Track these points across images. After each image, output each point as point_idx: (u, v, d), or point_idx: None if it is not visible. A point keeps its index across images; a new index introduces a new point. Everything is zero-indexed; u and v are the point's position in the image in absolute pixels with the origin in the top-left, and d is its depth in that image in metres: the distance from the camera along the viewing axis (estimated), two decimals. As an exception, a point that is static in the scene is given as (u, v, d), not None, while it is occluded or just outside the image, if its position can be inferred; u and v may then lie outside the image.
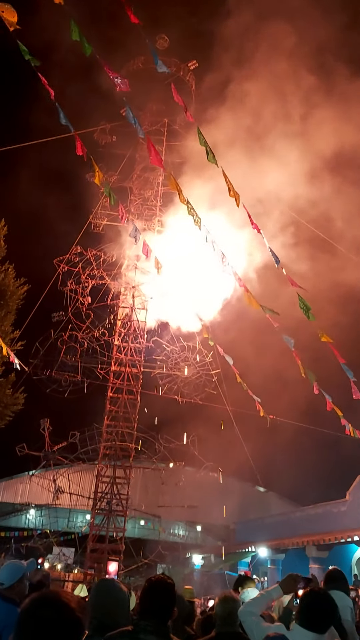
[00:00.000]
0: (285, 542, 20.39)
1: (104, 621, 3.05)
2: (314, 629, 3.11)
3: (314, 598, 3.26)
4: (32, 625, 1.60)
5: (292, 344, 8.05)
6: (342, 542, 17.14)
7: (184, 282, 14.52)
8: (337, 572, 5.19)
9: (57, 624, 1.60)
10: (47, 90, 6.58)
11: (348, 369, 8.52)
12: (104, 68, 6.22)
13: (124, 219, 8.63)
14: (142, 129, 6.44)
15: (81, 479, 25.77)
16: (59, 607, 1.63)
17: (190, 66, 24.92)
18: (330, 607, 3.25)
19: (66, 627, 1.61)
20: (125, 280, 22.93)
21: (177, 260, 16.59)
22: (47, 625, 1.59)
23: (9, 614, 3.81)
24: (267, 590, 3.78)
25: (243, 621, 3.49)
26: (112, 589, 3.34)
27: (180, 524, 30.54)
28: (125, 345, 22.68)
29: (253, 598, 3.73)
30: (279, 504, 30.97)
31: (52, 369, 22.28)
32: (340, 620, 4.16)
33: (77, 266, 22.87)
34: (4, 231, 20.04)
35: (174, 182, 6.60)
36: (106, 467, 21.69)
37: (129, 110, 6.56)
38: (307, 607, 3.23)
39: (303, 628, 3.12)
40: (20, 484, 30.09)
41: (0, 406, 19.40)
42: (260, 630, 3.36)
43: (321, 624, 3.16)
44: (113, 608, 3.21)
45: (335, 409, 9.31)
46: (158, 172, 25.11)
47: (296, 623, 3.23)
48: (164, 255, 9.55)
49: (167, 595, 2.96)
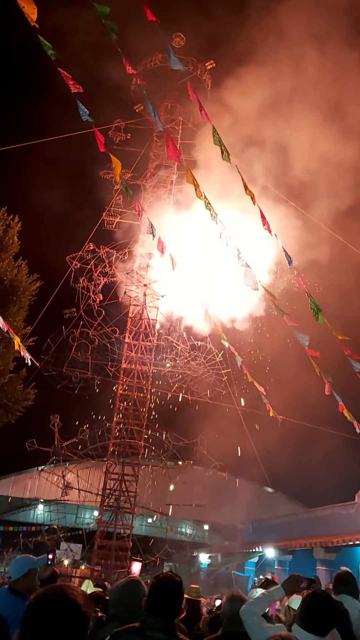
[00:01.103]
0: (293, 543, 20.31)
1: (121, 616, 3.12)
2: (315, 632, 3.09)
3: (315, 600, 3.24)
4: (38, 621, 1.60)
5: (307, 342, 7.96)
6: (351, 545, 17.03)
7: (197, 280, 14.49)
8: (347, 575, 5.10)
9: (63, 619, 1.60)
10: (62, 87, 6.58)
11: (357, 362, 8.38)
12: (122, 60, 6.18)
13: (140, 214, 8.59)
14: (161, 121, 6.36)
15: (90, 476, 25.84)
16: (65, 602, 1.63)
17: (208, 66, 24.87)
18: (331, 609, 3.23)
19: (72, 622, 1.61)
20: (137, 278, 22.95)
21: (190, 258, 16.58)
22: (52, 621, 1.59)
23: (17, 607, 3.82)
24: (269, 591, 3.77)
25: (244, 621, 3.48)
26: (138, 589, 3.49)
27: (188, 522, 30.56)
28: (135, 343, 22.71)
29: (255, 598, 3.72)
30: (287, 505, 30.87)
31: (63, 366, 22.37)
32: (351, 626, 4.14)
33: (89, 263, 22.94)
34: (18, 227, 20.17)
35: (191, 176, 6.55)
36: (115, 464, 21.74)
37: (149, 102, 6.49)
38: (308, 609, 3.21)
39: (304, 630, 3.10)
40: (29, 479, 30.25)
41: (11, 401, 19.54)
42: (261, 630, 3.35)
43: (322, 627, 3.14)
44: (134, 606, 3.28)
45: (345, 413, 9.22)
46: (171, 170, 25.12)
47: (297, 625, 3.21)
48: (177, 252, 9.51)
49: (175, 593, 2.96)
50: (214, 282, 18.38)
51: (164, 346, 23.07)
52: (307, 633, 3.07)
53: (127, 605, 3.17)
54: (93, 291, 22.74)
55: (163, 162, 25.39)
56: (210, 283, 17.95)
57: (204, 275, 17.40)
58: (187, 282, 12.13)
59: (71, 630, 1.60)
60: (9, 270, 19.52)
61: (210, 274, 18.47)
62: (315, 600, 3.24)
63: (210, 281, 17.99)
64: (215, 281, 18.46)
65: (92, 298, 22.67)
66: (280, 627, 3.38)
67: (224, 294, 19.18)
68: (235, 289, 18.96)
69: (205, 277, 17.60)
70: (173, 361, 22.96)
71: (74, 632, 1.61)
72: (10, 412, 19.68)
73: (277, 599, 3.78)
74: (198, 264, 17.56)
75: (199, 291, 13.68)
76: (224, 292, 19.10)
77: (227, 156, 6.50)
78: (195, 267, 16.47)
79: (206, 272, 18.11)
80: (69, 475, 24.11)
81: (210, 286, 17.74)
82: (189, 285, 12.62)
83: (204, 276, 17.43)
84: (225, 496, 27.20)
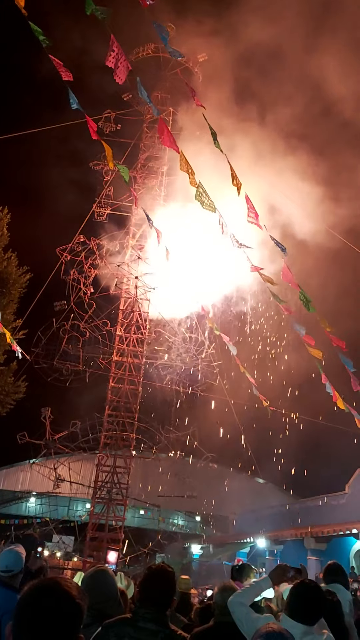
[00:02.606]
0: (284, 533, 20.48)
1: (101, 609, 3.08)
2: (303, 621, 3.09)
3: (303, 589, 3.25)
4: (31, 613, 1.59)
5: (304, 332, 7.95)
6: (341, 535, 17.20)
7: (188, 271, 14.45)
8: (336, 566, 5.20)
9: (57, 612, 1.58)
10: (52, 76, 6.48)
11: (348, 360, 8.44)
12: (113, 45, 6.05)
13: (136, 201, 8.48)
14: (155, 107, 6.23)
15: (82, 468, 25.85)
16: (59, 594, 1.62)
17: (200, 58, 24.68)
18: (319, 599, 3.24)
19: (66, 615, 1.60)
20: (128, 270, 22.87)
21: (181, 249, 16.52)
22: (46, 613, 1.58)
23: (9, 600, 3.81)
24: (256, 581, 3.77)
25: (232, 611, 3.48)
26: (108, 578, 3.40)
27: (180, 514, 30.68)
28: (127, 336, 22.68)
29: (243, 589, 3.72)
30: (278, 495, 31.05)
31: (54, 358, 22.30)
32: (343, 617, 4.16)
33: (79, 255, 22.82)
34: (7, 219, 19.98)
35: (186, 162, 6.45)
36: (107, 457, 21.77)
37: (141, 87, 6.34)
38: (296, 599, 3.22)
39: (292, 619, 3.11)
40: (21, 472, 30.18)
41: (2, 394, 19.44)
42: (250, 620, 3.36)
43: (310, 616, 3.15)
44: (109, 597, 3.25)
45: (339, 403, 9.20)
46: (162, 161, 24.98)
47: (284, 614, 3.21)
48: (170, 243, 9.45)
49: (167, 583, 2.96)
50: (207, 273, 18.36)
51: (156, 338, 23.07)
52: (295, 622, 3.07)
53: (96, 596, 3.13)
54: (84, 283, 22.66)
55: (153, 153, 25.24)
56: (203, 273, 17.93)
57: (196, 266, 17.36)
58: (180, 273, 12.08)
59: (65, 622, 1.59)
60: (-1, 262, 19.36)
61: (203, 264, 18.45)
62: (303, 589, 3.25)
63: (202, 272, 17.97)
64: (208, 271, 18.45)
65: (83, 290, 22.59)
66: (269, 617, 3.38)
67: (217, 284, 19.18)
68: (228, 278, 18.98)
69: (198, 267, 17.57)
70: (165, 353, 22.97)
71: (68, 623, 1.60)
72: (1, 404, 19.59)
73: (265, 589, 3.78)
74: (190, 254, 17.51)
75: (191, 282, 13.64)
76: (217, 282, 19.11)
77: (218, 144, 6.43)
78: (187, 257, 16.42)
79: (198, 262, 18.08)
80: (61, 467, 24.12)
81: (203, 277, 17.71)
82: (181, 276, 12.58)
83: (197, 267, 17.39)
84: (216, 487, 27.33)
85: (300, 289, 7.96)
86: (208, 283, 18.45)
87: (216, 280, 19.24)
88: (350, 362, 8.55)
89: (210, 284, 18.84)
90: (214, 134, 6.46)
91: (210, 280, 18.69)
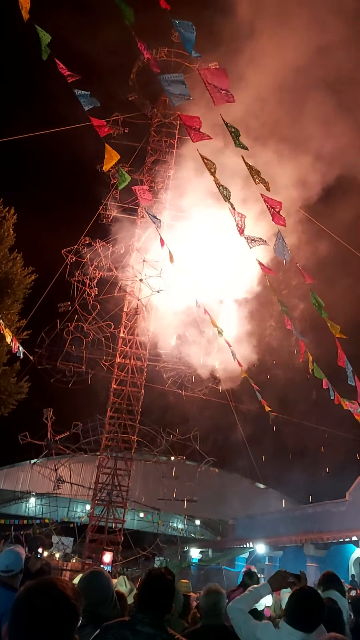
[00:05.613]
0: (284, 539, 20.41)
1: (96, 611, 3.09)
2: (302, 628, 3.08)
3: (303, 597, 3.23)
4: (27, 613, 1.60)
5: (307, 341, 7.94)
6: (340, 542, 17.14)
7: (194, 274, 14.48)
8: (332, 574, 5.28)
9: (52, 612, 1.60)
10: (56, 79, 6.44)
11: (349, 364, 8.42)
12: (138, 44, 5.97)
13: (144, 199, 8.45)
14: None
15: (82, 470, 25.87)
16: (54, 594, 1.63)
17: (211, 66, 24.76)
18: (319, 606, 3.22)
19: (61, 615, 1.61)
20: (133, 272, 22.89)
21: (187, 252, 16.56)
22: (42, 613, 1.59)
23: (8, 600, 3.83)
24: (255, 587, 3.75)
25: (231, 618, 3.48)
26: (104, 580, 3.41)
27: (180, 517, 30.65)
28: (130, 338, 22.69)
29: (242, 595, 3.71)
30: (279, 501, 30.97)
31: (57, 359, 22.33)
32: (344, 625, 4.15)
33: (85, 257, 22.87)
34: (13, 219, 20.08)
35: (208, 161, 6.38)
36: (107, 459, 21.77)
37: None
38: (295, 606, 3.20)
39: (290, 627, 3.10)
40: (21, 472, 30.24)
41: (4, 394, 19.50)
42: (248, 627, 3.35)
43: (309, 623, 3.13)
44: (104, 598, 3.26)
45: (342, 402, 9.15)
46: (168, 165, 25.03)
47: (284, 621, 3.20)
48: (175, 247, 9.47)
49: (166, 590, 2.96)
50: (211, 276, 18.38)
51: (159, 340, 23.04)
52: (293, 629, 3.07)
53: (90, 597, 3.14)
54: (88, 285, 22.69)
55: (160, 157, 25.31)
56: (208, 277, 17.95)
57: (200, 270, 17.39)
58: (185, 276, 12.10)
59: (60, 622, 1.60)
60: (4, 262, 19.45)
61: (208, 268, 18.47)
62: (302, 596, 3.23)
63: (207, 275, 17.99)
64: (213, 275, 18.47)
65: (87, 292, 22.62)
66: (268, 624, 3.38)
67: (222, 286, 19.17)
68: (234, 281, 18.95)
69: (202, 271, 17.60)
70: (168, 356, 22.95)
71: (62, 624, 1.61)
72: (4, 405, 19.65)
73: (263, 595, 3.77)
74: (195, 258, 17.54)
75: (195, 285, 13.65)
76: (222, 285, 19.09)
77: (240, 143, 6.31)
78: (192, 261, 16.45)
79: (203, 266, 18.10)
80: (62, 468, 24.13)
81: (207, 280, 17.73)
82: (186, 279, 12.60)
83: (201, 271, 17.42)
84: (217, 492, 27.30)
85: (313, 293, 7.98)
86: (213, 285, 18.47)
87: (221, 283, 19.25)
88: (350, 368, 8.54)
89: (215, 286, 18.85)
90: (236, 131, 6.32)
91: (215, 282, 18.71)
